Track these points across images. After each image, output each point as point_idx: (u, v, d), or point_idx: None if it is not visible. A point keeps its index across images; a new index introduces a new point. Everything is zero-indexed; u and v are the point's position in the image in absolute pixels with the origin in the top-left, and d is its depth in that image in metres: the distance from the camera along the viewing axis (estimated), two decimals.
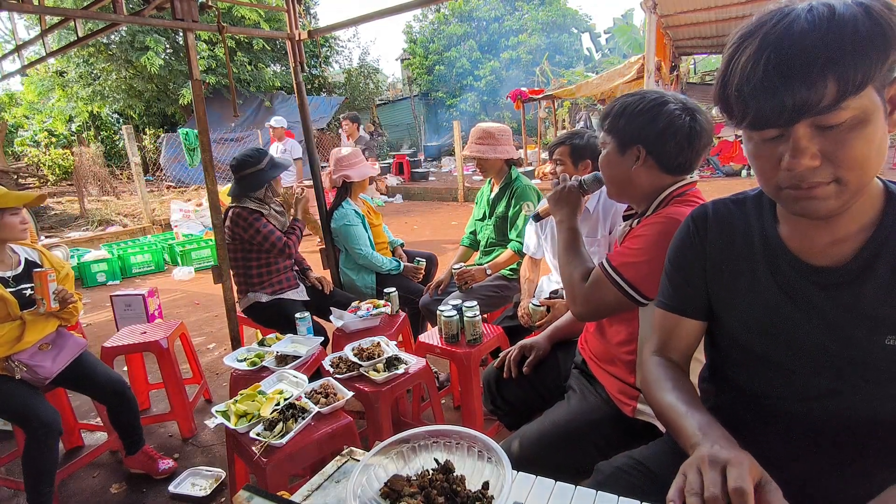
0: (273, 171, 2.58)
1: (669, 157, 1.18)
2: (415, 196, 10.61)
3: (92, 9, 2.64)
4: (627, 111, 1.19)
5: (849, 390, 0.76)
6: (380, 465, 0.82)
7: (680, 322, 0.94)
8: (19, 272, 1.96)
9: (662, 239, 1.08)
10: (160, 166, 11.61)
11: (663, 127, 1.15)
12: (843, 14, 0.60)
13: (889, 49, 0.60)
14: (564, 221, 1.38)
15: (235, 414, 1.57)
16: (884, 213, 0.72)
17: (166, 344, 2.39)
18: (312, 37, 3.01)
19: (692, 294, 0.92)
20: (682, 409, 0.81)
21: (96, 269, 5.56)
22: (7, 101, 16.18)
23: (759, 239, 0.83)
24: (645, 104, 1.17)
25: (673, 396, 0.85)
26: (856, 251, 0.73)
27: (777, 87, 0.62)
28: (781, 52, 0.62)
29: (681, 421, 0.79)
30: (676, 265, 0.94)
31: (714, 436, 0.71)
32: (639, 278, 1.15)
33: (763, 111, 0.64)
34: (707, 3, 8.34)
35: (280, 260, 2.62)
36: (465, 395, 2.03)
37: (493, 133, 2.56)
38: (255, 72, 13.46)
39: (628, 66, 9.96)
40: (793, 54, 0.61)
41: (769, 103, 0.63)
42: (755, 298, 0.83)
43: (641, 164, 1.20)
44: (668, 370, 0.92)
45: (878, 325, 0.71)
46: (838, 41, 0.60)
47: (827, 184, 0.66)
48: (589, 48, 20.25)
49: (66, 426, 2.29)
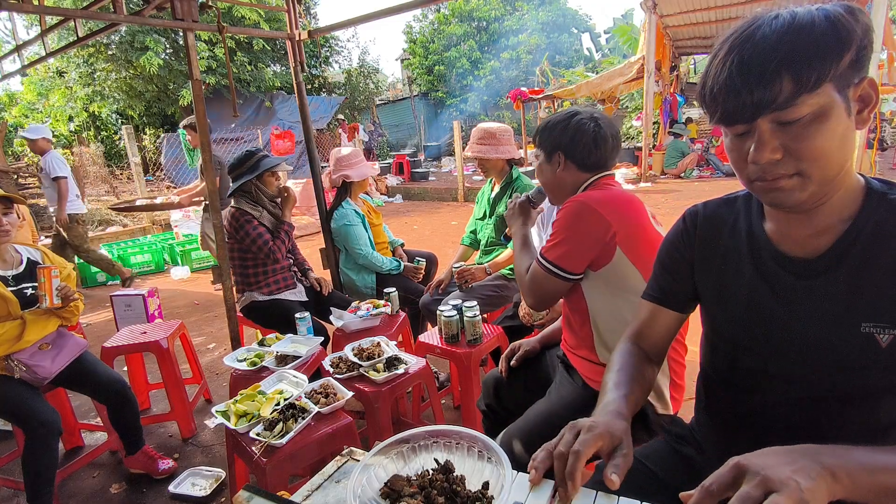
0: (251, 173, 2.58)
1: (583, 157, 1.42)
2: (415, 196, 10.61)
3: (92, 9, 2.65)
4: (548, 127, 1.46)
5: (826, 378, 0.79)
6: (380, 465, 0.82)
7: (658, 312, 1.00)
8: (20, 271, 1.96)
9: (573, 219, 1.32)
10: (160, 166, 11.61)
11: (572, 134, 1.41)
12: (803, 19, 0.66)
13: (843, 50, 0.65)
14: (517, 231, 1.60)
15: (235, 414, 1.57)
16: (861, 208, 0.76)
17: (166, 344, 2.39)
18: (312, 37, 3.01)
19: (676, 287, 0.98)
20: (607, 388, 0.90)
21: (96, 269, 5.56)
22: (7, 101, 16.17)
23: (746, 234, 0.87)
24: (559, 119, 1.45)
25: (609, 376, 0.93)
26: (831, 243, 0.77)
27: (739, 87, 0.68)
28: (743, 54, 0.68)
29: (601, 397, 0.89)
30: (665, 259, 1.00)
31: (604, 411, 0.81)
32: (559, 257, 1.34)
33: (728, 109, 0.71)
34: (707, 3, 8.35)
35: (272, 259, 2.62)
36: (465, 395, 2.03)
37: (494, 133, 2.57)
38: (255, 72, 13.45)
39: (628, 66, 9.97)
40: (752, 56, 0.67)
41: (733, 101, 0.70)
42: (739, 290, 0.87)
43: (563, 167, 1.45)
44: (625, 355, 0.98)
45: (852, 313, 0.75)
46: (793, 43, 0.65)
47: (790, 176, 0.71)
48: (589, 48, 20.26)
49: (66, 426, 2.29)
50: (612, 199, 1.34)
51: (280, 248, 2.60)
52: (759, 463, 0.59)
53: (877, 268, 0.73)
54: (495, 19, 18.80)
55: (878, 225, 0.74)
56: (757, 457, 0.60)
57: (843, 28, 0.65)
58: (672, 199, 7.65)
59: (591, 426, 0.75)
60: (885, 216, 0.74)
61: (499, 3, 18.85)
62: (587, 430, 0.74)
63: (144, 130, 14.02)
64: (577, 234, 1.32)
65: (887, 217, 0.74)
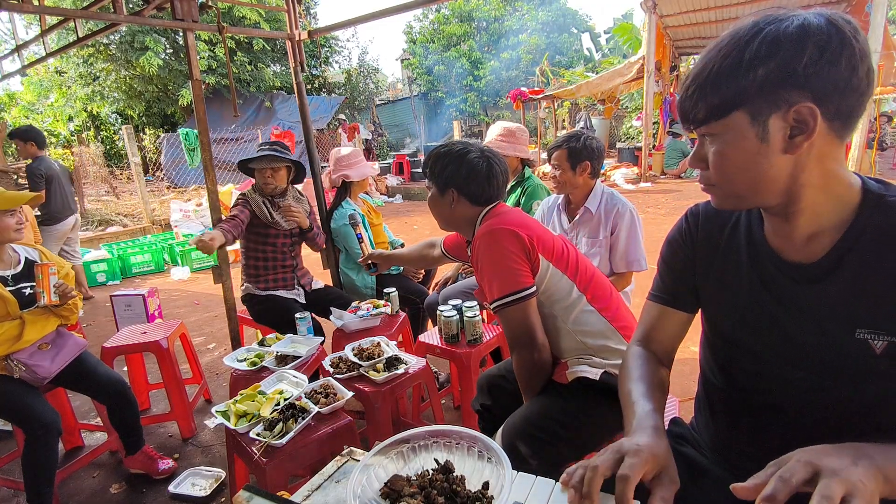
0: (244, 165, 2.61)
1: (476, 193, 1.47)
2: (415, 196, 10.61)
3: (92, 9, 2.65)
4: (440, 160, 1.49)
5: (824, 383, 0.79)
6: (380, 465, 0.82)
7: (665, 313, 0.99)
8: (19, 271, 1.96)
9: (492, 248, 1.34)
10: (160, 166, 11.61)
11: (466, 172, 1.45)
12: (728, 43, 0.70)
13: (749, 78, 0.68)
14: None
15: (235, 414, 1.57)
16: (857, 212, 0.75)
17: (166, 344, 2.39)
18: (312, 37, 3.01)
19: (680, 287, 0.97)
20: (632, 399, 0.86)
21: (96, 269, 5.56)
22: (7, 101, 16.18)
23: (745, 236, 0.87)
24: (453, 154, 1.47)
25: (631, 385, 0.90)
26: (828, 248, 0.76)
27: (683, 99, 0.77)
28: (692, 71, 0.75)
29: (627, 410, 0.85)
30: (668, 259, 1.00)
31: (643, 428, 0.77)
32: (502, 286, 1.32)
33: (680, 116, 0.79)
34: (707, 3, 8.35)
35: (272, 256, 2.62)
36: (465, 395, 2.03)
37: (514, 132, 2.64)
38: (256, 72, 13.47)
39: (628, 66, 9.97)
40: (693, 73, 0.74)
41: (681, 110, 0.78)
42: (738, 292, 0.87)
43: (456, 202, 1.48)
44: (640, 360, 0.97)
45: (848, 318, 0.75)
46: (712, 68, 0.71)
47: (711, 185, 0.79)
48: (589, 48, 20.24)
49: (66, 426, 2.29)
50: (512, 218, 1.41)
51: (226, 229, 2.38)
52: (831, 464, 0.57)
53: (876, 274, 0.72)
54: (495, 19, 18.80)
55: (878, 230, 0.73)
56: (826, 456, 0.59)
57: (754, 55, 0.67)
58: (672, 199, 7.65)
59: (636, 451, 0.70)
60: (883, 220, 0.73)
61: (499, 3, 18.85)
62: (634, 455, 0.69)
63: (144, 130, 14.03)
64: (503, 257, 1.33)
65: (886, 221, 0.72)
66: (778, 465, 0.60)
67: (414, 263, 1.90)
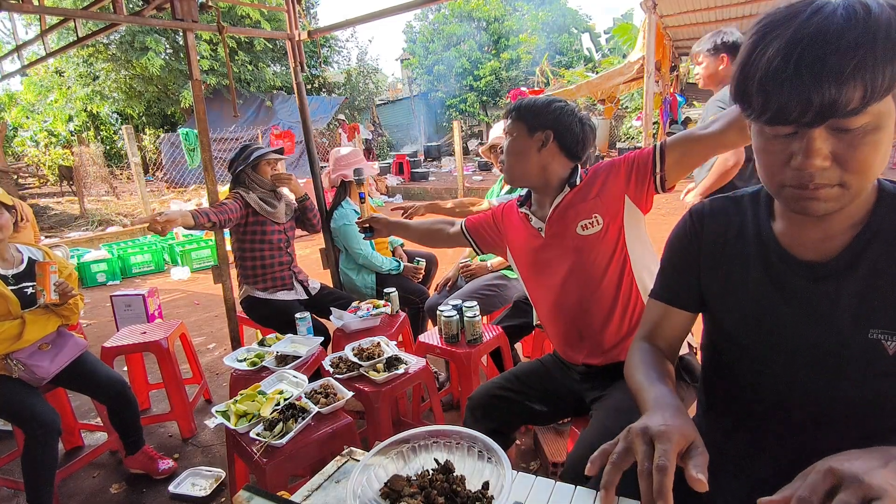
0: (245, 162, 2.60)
1: (572, 144, 1.42)
2: (415, 196, 10.60)
3: (92, 9, 2.65)
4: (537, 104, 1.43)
5: (831, 383, 0.78)
6: (380, 465, 0.82)
7: (668, 311, 0.98)
8: (21, 270, 1.96)
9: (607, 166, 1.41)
10: (160, 166, 11.61)
11: (569, 120, 1.41)
12: (879, 16, 0.58)
13: None
14: None
15: (235, 414, 1.57)
16: (873, 211, 0.74)
17: (166, 344, 2.39)
18: (312, 37, 3.01)
19: (683, 286, 0.96)
20: (645, 385, 0.86)
21: (96, 269, 5.57)
22: (7, 101, 16.18)
23: (753, 234, 0.86)
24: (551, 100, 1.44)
25: (641, 375, 0.90)
26: (843, 247, 0.75)
27: (807, 86, 0.60)
28: (815, 49, 0.59)
29: (641, 395, 0.85)
30: (672, 258, 0.98)
31: (662, 406, 0.76)
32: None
33: (787, 108, 0.62)
34: (707, 3, 8.34)
35: (269, 255, 2.62)
36: (465, 395, 2.03)
37: None
38: (256, 72, 13.46)
39: (628, 66, 9.96)
40: (827, 53, 0.59)
41: (795, 101, 0.61)
42: (746, 291, 0.85)
43: (548, 148, 1.41)
44: (646, 353, 0.96)
45: (861, 318, 0.73)
46: (871, 44, 0.58)
47: (832, 186, 0.66)
48: (589, 48, 20.24)
49: (66, 426, 2.29)
50: None
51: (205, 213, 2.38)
52: (855, 469, 0.55)
53: (890, 274, 0.72)
54: (495, 19, 18.78)
55: (893, 229, 0.72)
56: (849, 461, 0.57)
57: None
58: (672, 199, 7.65)
59: (663, 433, 0.67)
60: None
61: (499, 3, 18.84)
62: (663, 439, 0.66)
63: (144, 130, 14.03)
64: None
65: None
66: (804, 476, 0.58)
67: (420, 238, 1.78)
